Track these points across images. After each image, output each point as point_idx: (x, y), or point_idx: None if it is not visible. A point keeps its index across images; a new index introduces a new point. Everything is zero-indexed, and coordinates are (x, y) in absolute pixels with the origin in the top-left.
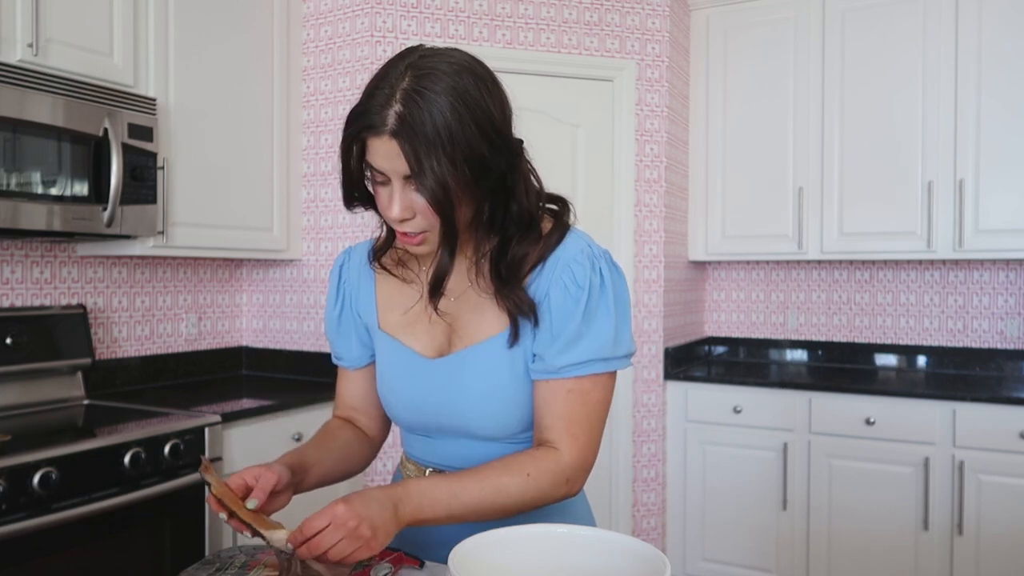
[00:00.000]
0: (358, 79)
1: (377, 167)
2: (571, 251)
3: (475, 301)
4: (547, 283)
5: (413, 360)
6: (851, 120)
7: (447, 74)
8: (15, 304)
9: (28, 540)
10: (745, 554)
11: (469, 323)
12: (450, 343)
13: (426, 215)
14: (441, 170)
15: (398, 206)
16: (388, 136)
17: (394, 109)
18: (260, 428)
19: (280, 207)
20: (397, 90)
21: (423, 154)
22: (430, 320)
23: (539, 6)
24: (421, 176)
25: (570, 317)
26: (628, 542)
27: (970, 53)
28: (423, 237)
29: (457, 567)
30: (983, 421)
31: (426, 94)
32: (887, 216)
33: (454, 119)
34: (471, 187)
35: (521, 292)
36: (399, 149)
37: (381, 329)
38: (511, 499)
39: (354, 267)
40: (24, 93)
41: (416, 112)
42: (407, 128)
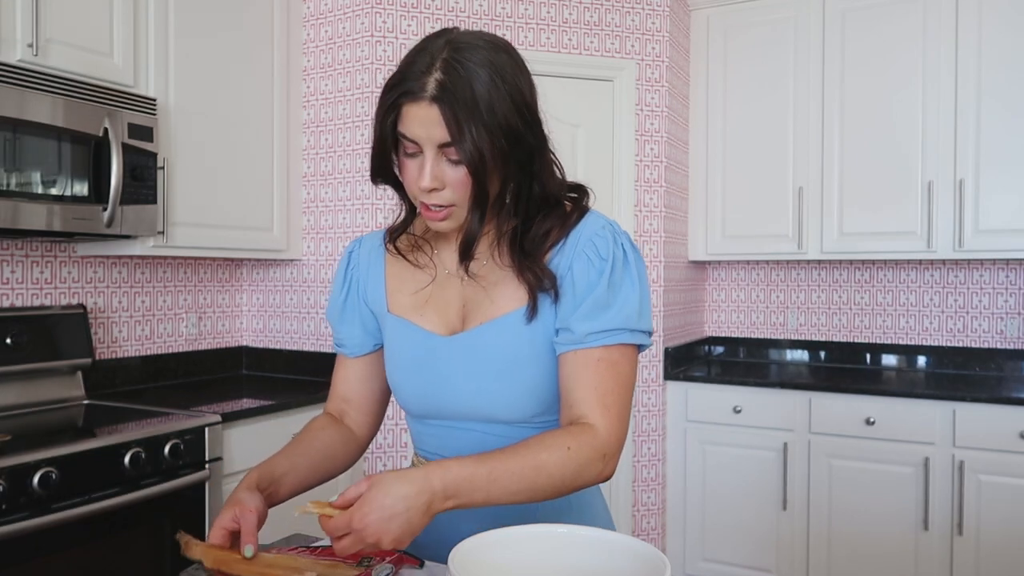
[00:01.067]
0: (358, 79)
1: (411, 135)
2: (593, 226)
3: (491, 279)
4: (569, 258)
5: (425, 339)
6: (851, 120)
7: (484, 49)
8: (15, 304)
9: (28, 540)
10: (745, 554)
11: (485, 301)
12: (463, 322)
13: (456, 187)
14: (480, 137)
15: (428, 176)
16: (428, 102)
17: (434, 76)
18: (260, 428)
19: (280, 207)
20: (437, 59)
21: (463, 120)
22: (443, 301)
23: (539, 6)
24: (461, 142)
25: (594, 286)
26: (628, 542)
27: (970, 53)
28: (448, 212)
29: (457, 567)
30: (983, 421)
31: (466, 64)
32: (887, 216)
33: (492, 90)
34: (504, 159)
35: (542, 264)
36: (439, 115)
37: (391, 312)
38: (551, 478)
39: (364, 253)
40: (24, 93)
41: (457, 80)
42: (448, 94)
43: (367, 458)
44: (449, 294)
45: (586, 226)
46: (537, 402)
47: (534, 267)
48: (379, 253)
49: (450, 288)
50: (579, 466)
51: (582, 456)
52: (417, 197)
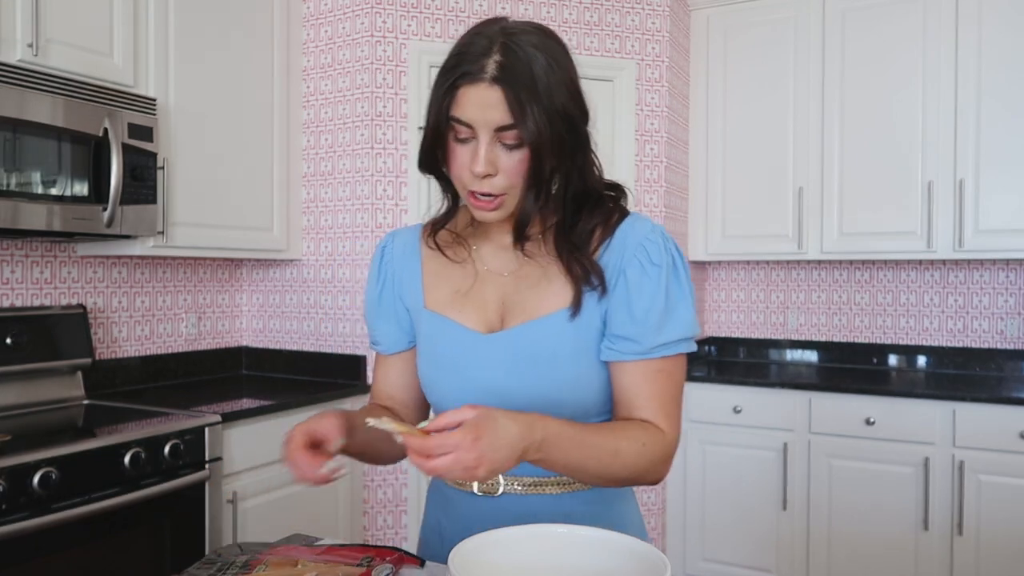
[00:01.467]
0: (358, 79)
1: (466, 119)
2: (641, 229)
3: (533, 277)
4: (619, 260)
5: (464, 336)
6: (851, 120)
7: (537, 34)
8: (15, 304)
9: (28, 540)
10: (745, 554)
11: (527, 299)
12: (503, 321)
13: (509, 173)
14: (540, 119)
15: (483, 160)
16: (488, 83)
17: (494, 58)
18: (260, 428)
19: (280, 207)
20: (495, 42)
21: (525, 101)
22: (481, 298)
23: (539, 6)
24: (523, 122)
25: (653, 296)
26: (628, 542)
27: (970, 53)
28: (499, 201)
29: (457, 567)
30: (983, 421)
31: (524, 47)
32: (887, 216)
33: (550, 73)
34: (559, 145)
35: (592, 259)
36: (499, 97)
37: (427, 308)
38: (624, 467)
39: (398, 248)
40: (24, 93)
41: (516, 62)
42: (509, 75)
43: None
44: (488, 291)
45: (634, 228)
46: (579, 401)
47: (583, 260)
48: (414, 248)
49: (489, 285)
50: (649, 463)
51: (653, 454)
52: (467, 185)
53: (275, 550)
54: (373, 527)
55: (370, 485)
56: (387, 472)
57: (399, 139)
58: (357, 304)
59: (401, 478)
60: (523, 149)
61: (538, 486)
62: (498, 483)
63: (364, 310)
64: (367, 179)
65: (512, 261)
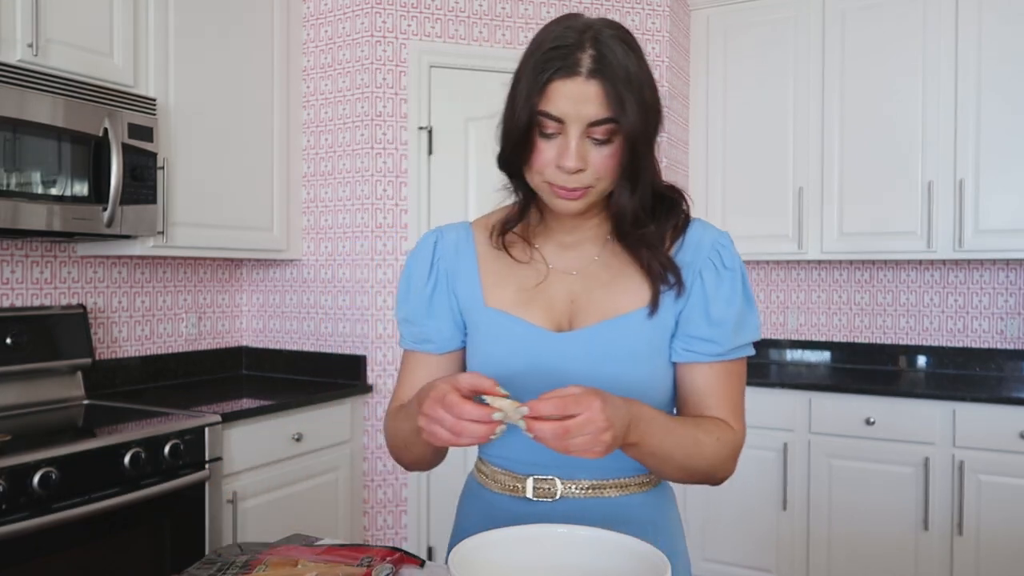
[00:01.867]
0: (358, 79)
1: (557, 113)
2: (712, 233)
3: (604, 277)
4: (693, 262)
5: (533, 334)
6: (851, 120)
7: (621, 30)
8: (15, 304)
9: (28, 540)
10: (745, 554)
11: (600, 299)
12: (571, 320)
13: (598, 168)
14: (637, 112)
15: (575, 155)
16: (584, 77)
17: (588, 53)
18: (260, 428)
19: (280, 207)
20: (586, 38)
21: (624, 94)
22: (547, 297)
23: (539, 6)
24: (623, 116)
25: (730, 300)
26: (628, 542)
27: (970, 53)
28: (584, 192)
29: (457, 567)
30: (983, 421)
31: (615, 43)
32: (887, 216)
33: (640, 69)
34: (650, 139)
35: (669, 257)
36: (597, 91)
37: (488, 306)
38: (703, 459)
39: (449, 246)
40: (24, 93)
41: (612, 56)
42: (608, 69)
43: (367, 458)
44: (555, 290)
45: (706, 231)
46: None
47: (662, 258)
48: (467, 245)
49: (556, 284)
50: (722, 459)
51: (726, 450)
52: (552, 180)
53: (275, 550)
54: (373, 527)
55: (370, 485)
56: (387, 472)
57: (399, 139)
58: (357, 304)
59: (401, 478)
60: (612, 144)
61: (597, 489)
62: (556, 488)
63: (401, 310)
64: (367, 179)
65: (577, 260)
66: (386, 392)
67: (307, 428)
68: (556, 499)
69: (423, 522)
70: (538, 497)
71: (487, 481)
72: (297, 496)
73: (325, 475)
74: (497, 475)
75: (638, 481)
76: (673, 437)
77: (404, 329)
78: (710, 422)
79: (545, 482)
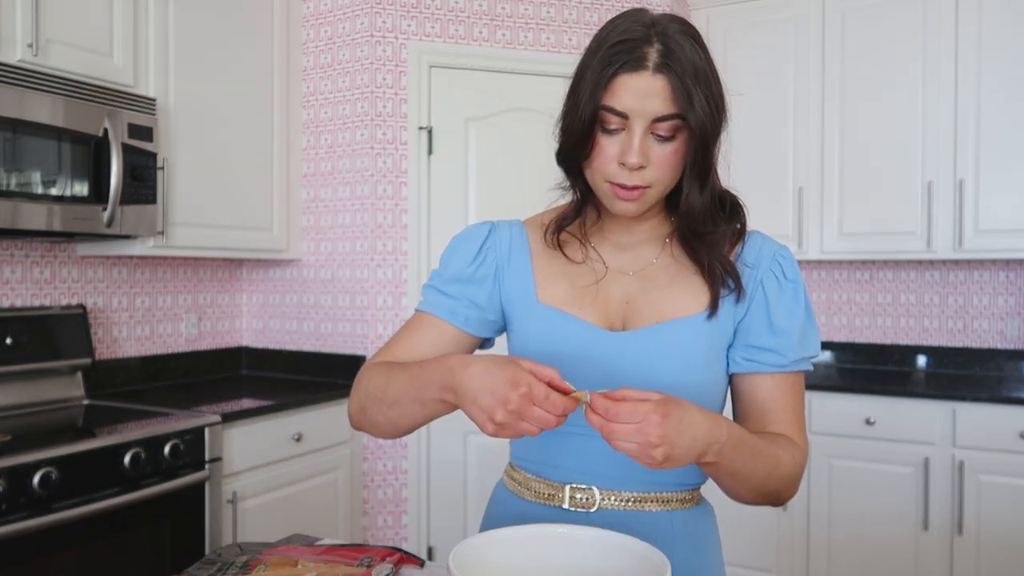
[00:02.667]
0: (358, 79)
1: (622, 108)
2: (773, 244)
3: (662, 279)
4: (754, 271)
5: (587, 332)
6: (851, 120)
7: (686, 25)
8: (15, 304)
9: (28, 540)
10: (745, 554)
11: (657, 301)
12: (624, 321)
13: (660, 165)
14: (705, 107)
15: (637, 151)
16: (651, 72)
17: (655, 47)
18: (260, 428)
19: (280, 207)
20: (652, 33)
21: (691, 90)
22: (603, 297)
23: (539, 6)
24: (691, 111)
25: (792, 310)
26: (628, 542)
27: (970, 54)
28: (643, 192)
29: (457, 567)
30: (983, 421)
31: (683, 38)
32: (887, 216)
33: (707, 65)
34: (714, 137)
35: (730, 260)
36: (664, 86)
37: (540, 302)
38: (781, 478)
39: (503, 238)
40: (24, 93)
41: (680, 51)
42: (676, 64)
43: (367, 458)
44: (610, 291)
45: (767, 241)
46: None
47: (722, 260)
48: (520, 241)
49: (612, 285)
50: (795, 479)
51: (797, 469)
52: (612, 177)
53: (275, 550)
54: (373, 527)
55: (370, 485)
56: (387, 472)
57: (399, 139)
58: (357, 304)
59: (401, 478)
60: (674, 142)
61: (638, 502)
62: (594, 498)
63: (435, 279)
64: (367, 179)
65: (637, 260)
66: None
67: (307, 428)
68: (594, 510)
69: (423, 522)
70: (575, 507)
71: (519, 489)
72: (297, 496)
73: (325, 475)
74: (531, 482)
75: (680, 497)
76: (757, 458)
77: (429, 294)
78: (782, 440)
79: (583, 491)
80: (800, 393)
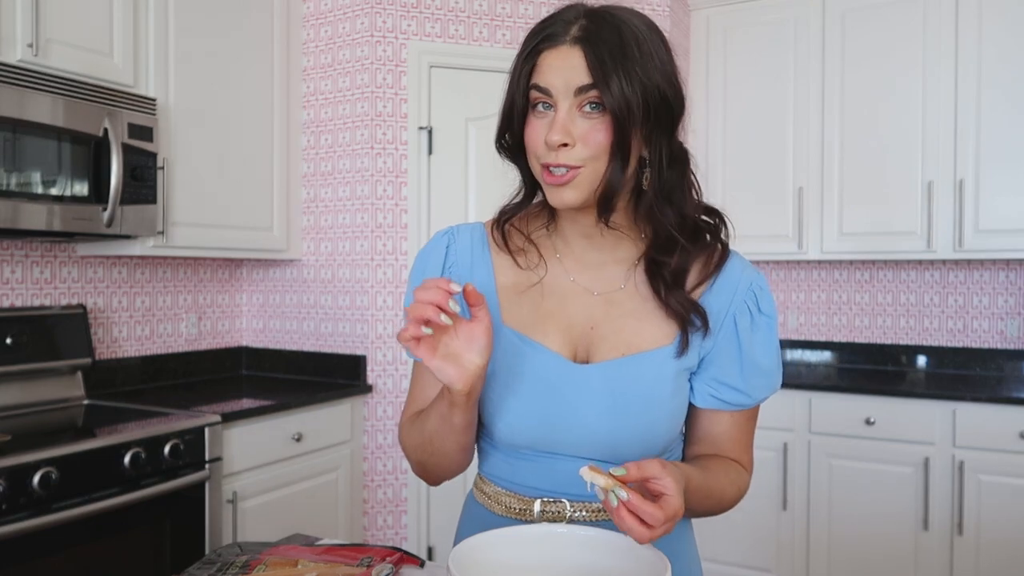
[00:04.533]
0: (358, 79)
1: (545, 84)
2: (750, 274)
3: (630, 307)
4: (727, 304)
5: (552, 363)
6: (851, 120)
7: (633, 13)
8: (15, 304)
9: (28, 540)
10: (745, 554)
11: (624, 329)
12: (590, 347)
13: (588, 142)
14: (624, 82)
15: (559, 126)
16: (570, 44)
17: (579, 23)
18: (260, 428)
19: (280, 207)
20: (581, 11)
21: (608, 61)
22: (565, 318)
23: (539, 6)
24: (604, 84)
25: (766, 351)
26: (628, 542)
27: (970, 54)
28: (573, 174)
29: (457, 567)
30: (983, 421)
31: (616, 15)
32: (887, 216)
33: (640, 43)
34: (644, 118)
35: (693, 301)
36: (581, 57)
37: (505, 324)
38: (719, 504)
39: (463, 250)
40: (24, 93)
41: (603, 24)
42: (593, 36)
43: (367, 458)
44: (573, 310)
45: (744, 271)
46: (664, 441)
47: (684, 302)
48: (482, 252)
49: (575, 304)
50: (732, 501)
51: (739, 494)
52: (541, 159)
53: (275, 550)
54: (373, 527)
55: (370, 485)
56: (387, 472)
57: (399, 139)
58: (357, 304)
59: (401, 478)
60: (604, 118)
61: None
62: (565, 510)
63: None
64: (367, 179)
65: (607, 281)
66: (386, 392)
67: (307, 428)
68: (565, 522)
69: (423, 522)
70: (548, 519)
71: (489, 503)
72: (297, 496)
73: (325, 475)
74: (501, 496)
75: None
76: (707, 500)
77: None
78: (731, 467)
79: (554, 504)
80: (754, 419)
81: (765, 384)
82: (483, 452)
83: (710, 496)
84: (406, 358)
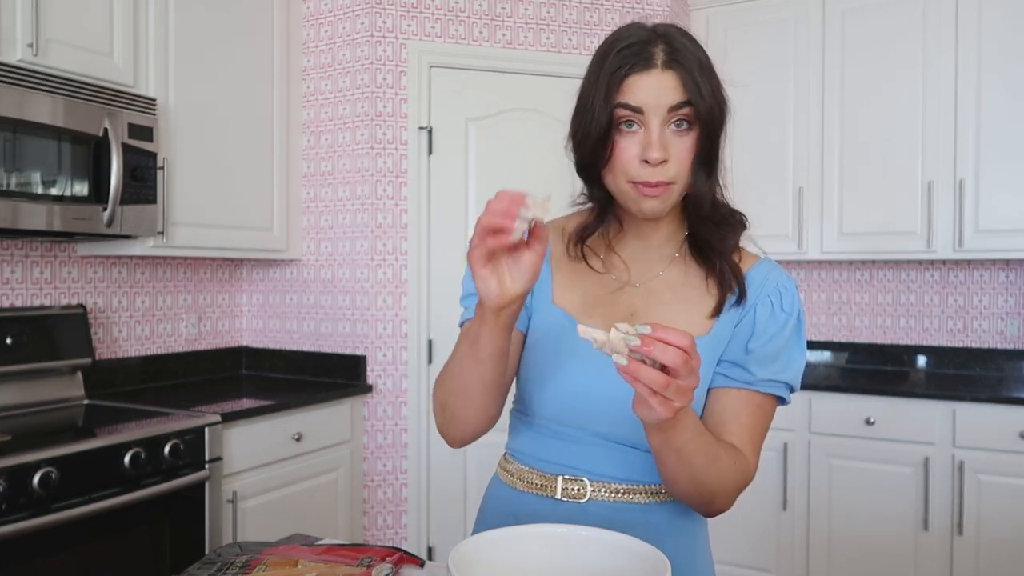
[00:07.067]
0: (358, 79)
1: (637, 103)
2: (780, 274)
3: (666, 296)
4: (753, 296)
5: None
6: (851, 120)
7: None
8: (15, 304)
9: (28, 540)
10: (745, 554)
11: (660, 316)
12: None
13: (680, 159)
14: (712, 98)
15: (658, 144)
16: (660, 69)
17: (660, 47)
18: (260, 428)
19: (280, 207)
20: (656, 36)
21: (699, 80)
22: (608, 305)
23: (539, 6)
24: (699, 98)
25: (774, 336)
26: (628, 542)
27: (969, 53)
28: (667, 189)
29: (457, 567)
30: (983, 421)
31: (684, 38)
32: (887, 216)
33: (709, 63)
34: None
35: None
36: (673, 80)
37: (555, 304)
38: (717, 476)
39: None
40: (24, 93)
41: (684, 48)
42: (682, 58)
43: (367, 457)
44: (617, 300)
45: (774, 271)
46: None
47: (732, 266)
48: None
49: (620, 294)
50: (731, 484)
51: (736, 477)
52: (634, 176)
53: (275, 550)
54: (373, 527)
55: (370, 485)
56: (387, 472)
57: (399, 139)
58: (357, 304)
59: (401, 478)
60: (692, 134)
61: (628, 494)
62: (585, 489)
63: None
64: (367, 179)
65: (646, 271)
66: (386, 392)
67: (307, 428)
68: (585, 500)
69: (423, 522)
70: (566, 498)
71: (512, 480)
72: (297, 496)
73: (325, 475)
74: (524, 473)
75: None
76: (702, 438)
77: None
78: (730, 447)
79: (575, 483)
80: (764, 416)
81: (767, 364)
82: (513, 429)
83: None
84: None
